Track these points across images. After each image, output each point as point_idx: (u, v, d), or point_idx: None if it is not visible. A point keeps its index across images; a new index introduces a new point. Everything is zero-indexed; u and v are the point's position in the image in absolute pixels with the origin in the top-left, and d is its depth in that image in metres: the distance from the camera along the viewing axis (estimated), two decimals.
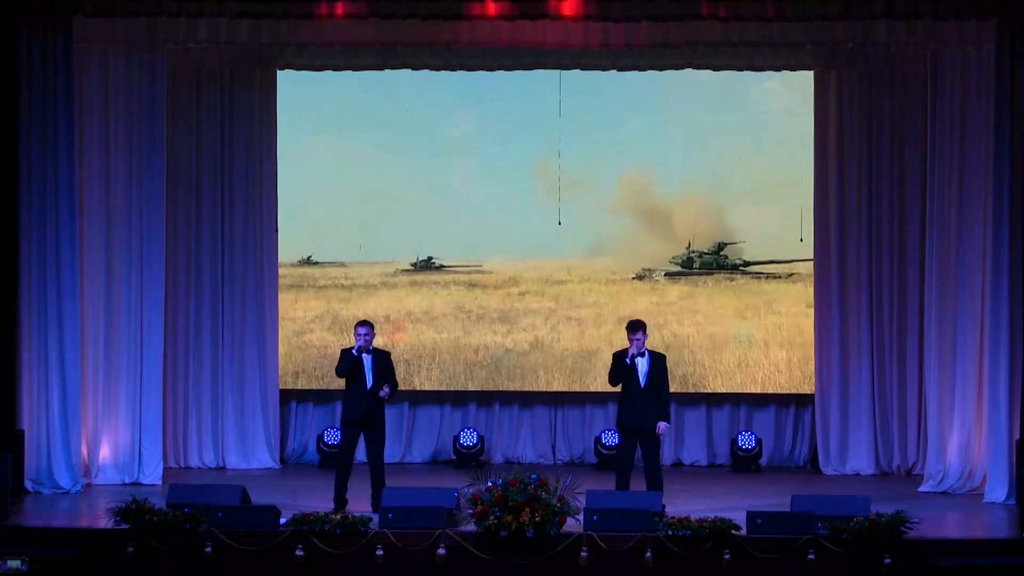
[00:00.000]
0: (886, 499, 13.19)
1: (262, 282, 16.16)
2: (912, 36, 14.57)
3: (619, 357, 13.23)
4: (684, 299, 16.55)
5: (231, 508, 12.33)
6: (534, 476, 12.10)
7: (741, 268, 16.48)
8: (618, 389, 13.33)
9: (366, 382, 13.23)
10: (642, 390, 13.10)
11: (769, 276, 16.47)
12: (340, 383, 13.54)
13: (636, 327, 13.23)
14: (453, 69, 15.97)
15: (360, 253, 16.67)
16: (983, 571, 11.82)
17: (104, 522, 12.30)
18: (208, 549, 12.01)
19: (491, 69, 15.96)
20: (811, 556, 11.83)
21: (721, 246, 16.47)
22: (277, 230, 16.23)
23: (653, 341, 14.45)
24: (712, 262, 16.49)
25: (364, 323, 13.44)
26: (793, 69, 15.96)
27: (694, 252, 16.51)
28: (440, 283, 16.68)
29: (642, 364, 13.14)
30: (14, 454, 13.68)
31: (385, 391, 13.19)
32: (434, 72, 16.10)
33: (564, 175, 16.44)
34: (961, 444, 14.62)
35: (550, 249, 16.59)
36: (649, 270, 16.57)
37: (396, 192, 16.54)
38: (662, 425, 13.13)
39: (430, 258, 16.66)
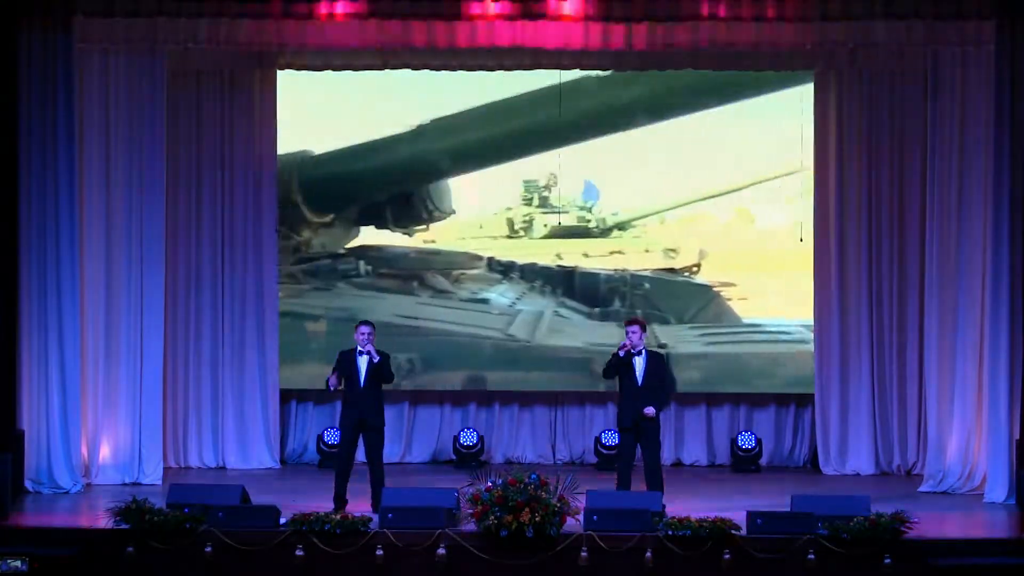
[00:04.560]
0: (886, 499, 13.19)
1: (262, 282, 16.15)
2: (912, 36, 14.56)
3: (615, 353, 13.27)
4: None
5: (231, 508, 12.34)
6: (534, 476, 12.11)
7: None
8: (614, 387, 13.37)
9: (360, 382, 13.24)
10: (639, 389, 13.11)
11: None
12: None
13: (633, 321, 13.35)
14: (453, 69, 15.96)
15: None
16: (983, 571, 11.82)
17: (104, 522, 12.31)
18: (208, 549, 12.02)
19: (491, 69, 15.95)
20: (811, 556, 11.84)
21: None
22: (277, 230, 16.23)
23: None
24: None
25: (366, 323, 13.43)
26: (793, 69, 15.95)
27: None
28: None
29: (639, 363, 13.15)
30: (14, 454, 13.70)
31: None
32: (434, 72, 16.10)
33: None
34: (961, 444, 14.62)
35: None
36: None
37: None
38: (650, 410, 13.07)
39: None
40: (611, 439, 16.00)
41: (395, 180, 16.48)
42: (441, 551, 11.98)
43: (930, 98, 15.00)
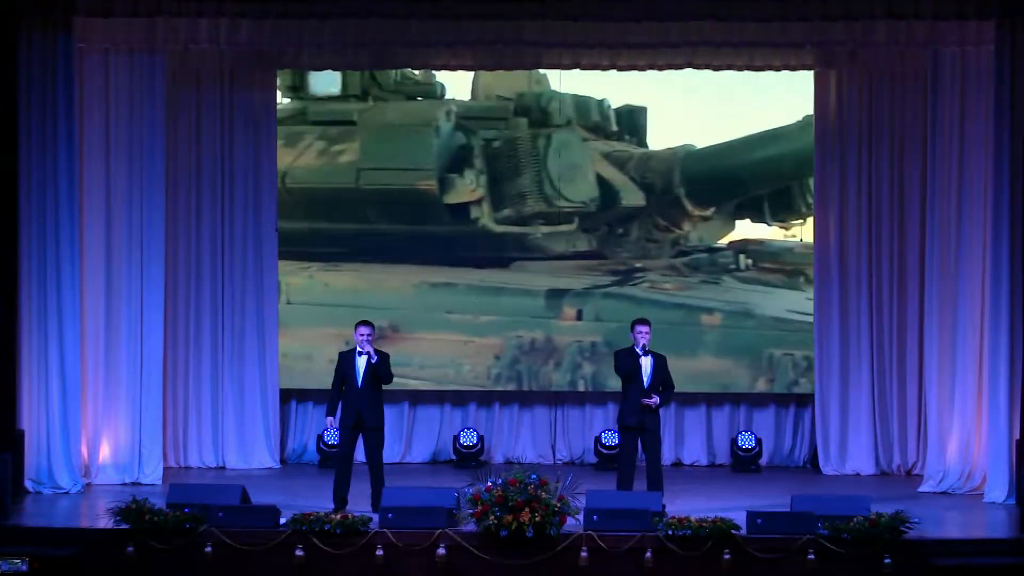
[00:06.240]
0: (886, 499, 13.19)
1: (262, 282, 16.14)
2: (912, 36, 14.56)
3: (623, 353, 13.29)
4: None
5: (231, 508, 12.34)
6: (534, 476, 12.11)
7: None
8: (615, 387, 13.36)
9: (358, 383, 13.25)
10: (646, 390, 13.15)
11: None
12: None
13: (643, 321, 13.39)
14: (453, 69, 15.95)
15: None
16: (983, 571, 11.82)
17: (104, 522, 12.31)
18: (208, 549, 12.02)
19: (491, 69, 15.95)
20: (811, 556, 11.84)
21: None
22: (277, 230, 16.23)
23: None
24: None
25: (365, 323, 13.42)
26: (793, 69, 15.93)
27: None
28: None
29: (646, 364, 13.20)
30: (14, 454, 13.69)
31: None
32: (434, 72, 16.10)
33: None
34: (961, 444, 14.62)
35: None
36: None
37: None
38: (654, 399, 13.13)
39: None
40: (611, 439, 16.00)
41: (778, 173, 16.36)
42: (441, 551, 11.98)
43: (930, 98, 14.99)
